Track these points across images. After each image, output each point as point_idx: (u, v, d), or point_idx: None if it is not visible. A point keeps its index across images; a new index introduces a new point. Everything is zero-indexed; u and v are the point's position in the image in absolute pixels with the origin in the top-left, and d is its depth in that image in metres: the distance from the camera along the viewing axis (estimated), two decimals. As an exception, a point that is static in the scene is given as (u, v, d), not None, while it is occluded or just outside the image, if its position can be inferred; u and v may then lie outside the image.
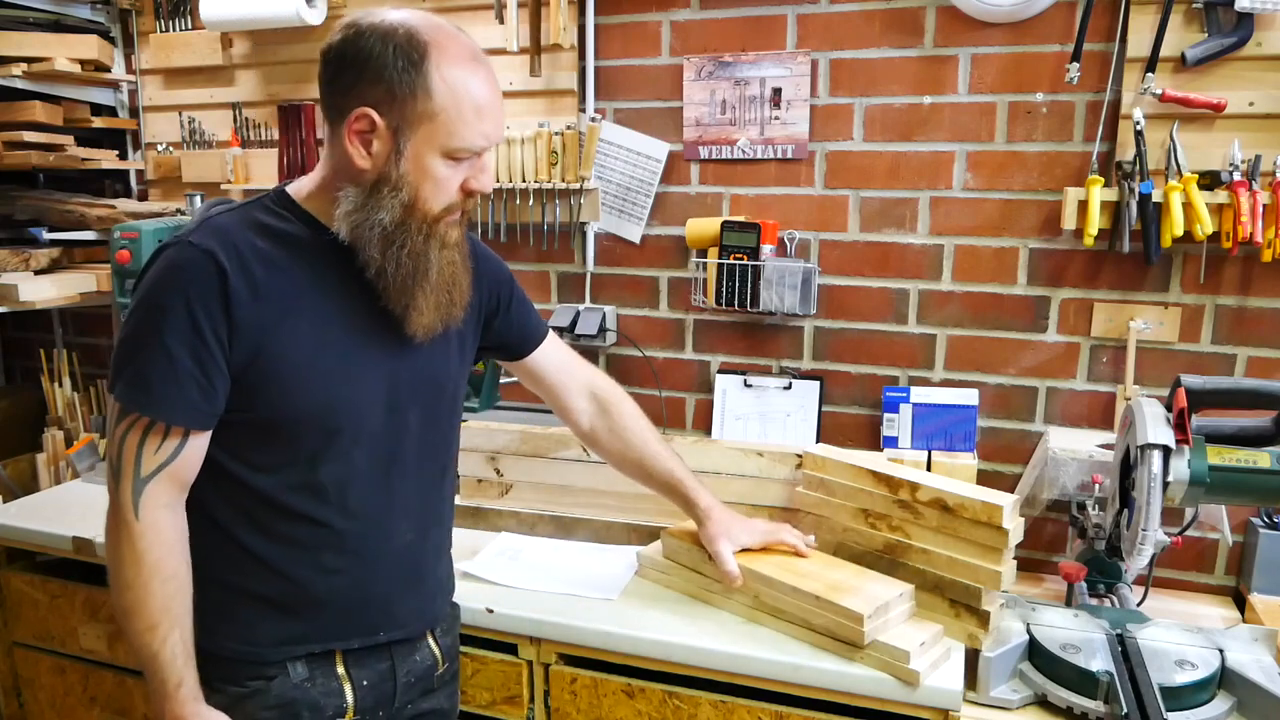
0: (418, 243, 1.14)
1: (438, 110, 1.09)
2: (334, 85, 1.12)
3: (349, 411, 1.18)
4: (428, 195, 1.13)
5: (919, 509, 1.47)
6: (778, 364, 2.10)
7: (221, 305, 1.09)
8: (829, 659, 1.39)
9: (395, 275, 1.14)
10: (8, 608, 1.99)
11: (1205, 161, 1.71)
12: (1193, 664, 1.37)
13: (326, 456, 1.18)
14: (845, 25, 1.92)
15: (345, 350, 1.18)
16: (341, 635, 1.24)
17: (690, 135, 2.07)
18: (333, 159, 1.15)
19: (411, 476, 1.27)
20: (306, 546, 1.20)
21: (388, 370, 1.21)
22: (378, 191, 1.12)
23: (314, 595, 1.21)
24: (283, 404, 1.14)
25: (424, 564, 1.33)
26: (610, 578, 1.64)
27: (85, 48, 2.35)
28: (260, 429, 1.15)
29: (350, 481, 1.20)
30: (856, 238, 1.99)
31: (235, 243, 1.12)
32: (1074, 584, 1.61)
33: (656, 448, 1.54)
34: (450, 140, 1.11)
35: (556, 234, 2.19)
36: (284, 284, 1.14)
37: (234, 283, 1.09)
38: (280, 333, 1.13)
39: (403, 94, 1.08)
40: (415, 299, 1.17)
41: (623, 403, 1.55)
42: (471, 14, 2.14)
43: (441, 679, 1.37)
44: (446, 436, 1.35)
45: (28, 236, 2.44)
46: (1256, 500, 1.53)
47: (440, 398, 1.31)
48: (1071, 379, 1.89)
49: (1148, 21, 1.70)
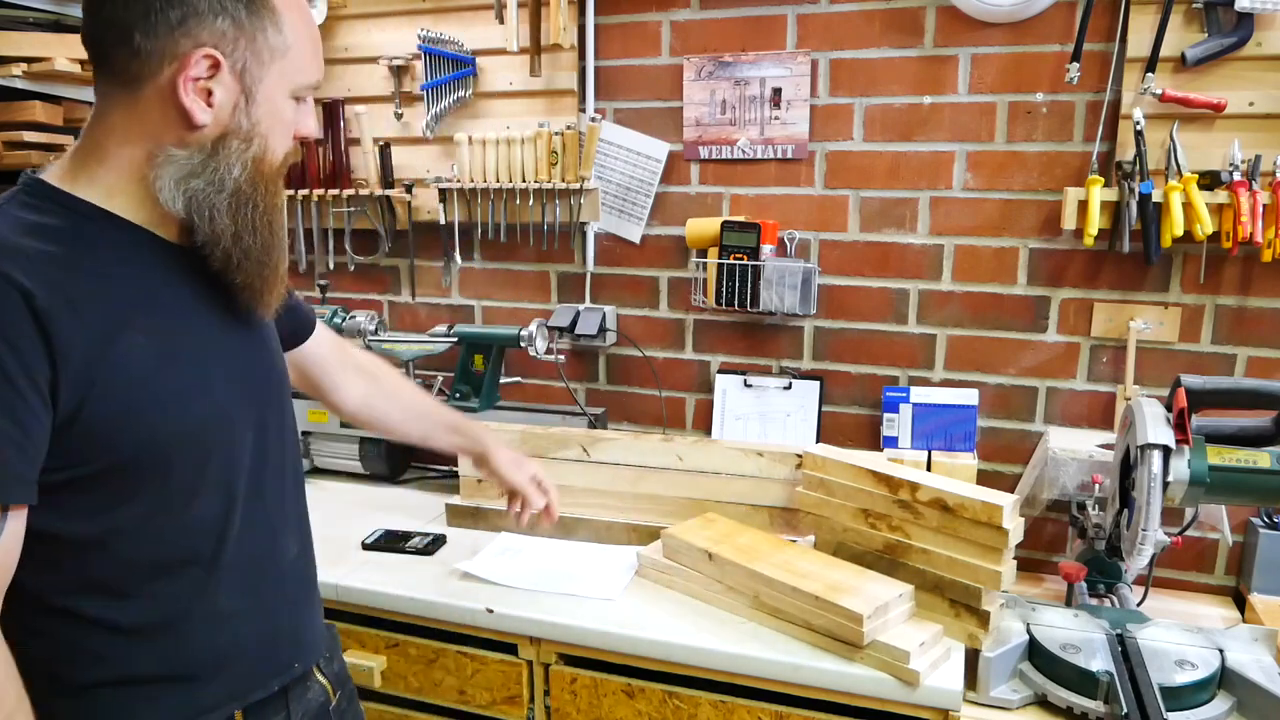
0: (270, 200, 0.99)
1: (289, 43, 0.95)
2: (145, 26, 0.89)
3: (214, 429, 1.00)
4: (276, 144, 0.98)
5: (919, 509, 1.47)
6: (778, 364, 2.10)
7: (31, 337, 0.84)
8: (829, 659, 1.39)
9: (253, 243, 0.98)
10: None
11: (1205, 161, 1.71)
12: (1193, 664, 1.37)
13: (201, 486, 0.98)
14: (845, 25, 1.92)
15: (194, 358, 0.98)
16: (248, 688, 1.06)
17: (690, 135, 2.07)
18: (137, 120, 0.93)
19: (281, 483, 1.11)
20: (192, 600, 1.00)
21: (239, 370, 1.04)
22: (223, 147, 0.94)
23: (215, 649, 1.02)
24: (134, 441, 0.92)
25: (310, 577, 1.20)
26: (610, 578, 1.64)
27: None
28: (110, 477, 0.92)
29: (232, 508, 1.02)
30: (856, 238, 1.99)
31: (23, 253, 0.86)
32: (1074, 584, 1.61)
33: (430, 401, 1.51)
34: (299, 76, 0.98)
35: (556, 234, 2.19)
36: (100, 293, 0.90)
37: (42, 306, 0.84)
38: (113, 356, 0.90)
39: (253, 28, 0.92)
40: (276, 267, 1.02)
41: (389, 369, 1.48)
42: (471, 14, 2.14)
43: (338, 710, 1.20)
44: (296, 434, 1.18)
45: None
46: (1256, 500, 1.53)
47: (285, 390, 1.15)
48: (1071, 379, 1.89)
49: (1148, 21, 1.70)
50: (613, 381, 2.25)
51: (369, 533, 1.83)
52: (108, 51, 0.92)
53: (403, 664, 1.65)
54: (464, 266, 2.31)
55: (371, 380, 1.43)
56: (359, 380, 1.41)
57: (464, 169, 2.17)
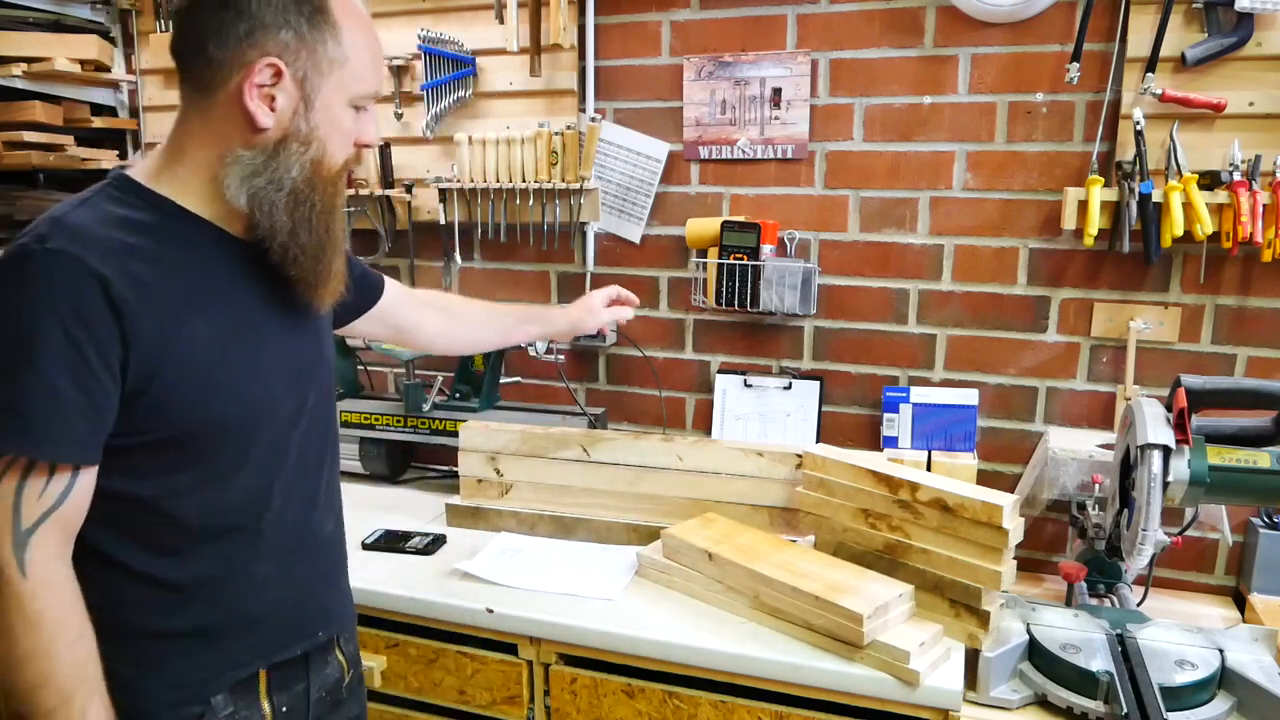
0: (326, 202, 1.07)
1: (348, 55, 1.04)
2: (218, 38, 0.99)
3: (264, 411, 1.10)
4: (334, 149, 1.07)
5: (919, 509, 1.47)
6: (778, 364, 2.10)
7: (107, 320, 0.95)
8: (829, 659, 1.39)
9: (309, 240, 1.06)
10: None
11: (1205, 161, 1.71)
12: (1193, 664, 1.37)
13: (246, 461, 1.09)
14: (845, 25, 1.92)
15: (250, 347, 1.08)
16: (272, 651, 1.16)
17: (690, 135, 2.07)
18: (211, 124, 1.03)
19: (320, 463, 1.22)
20: (234, 562, 1.10)
21: (290, 359, 1.14)
22: (284, 149, 1.03)
23: (249, 611, 1.12)
24: (193, 417, 1.03)
25: (340, 553, 1.30)
26: (610, 578, 1.64)
27: (85, 48, 2.35)
28: (169, 448, 1.03)
29: (274, 482, 1.12)
30: (856, 238, 1.99)
31: (106, 243, 0.97)
32: (1074, 584, 1.61)
33: (495, 306, 1.73)
34: (357, 86, 1.06)
35: (556, 234, 2.19)
36: (170, 282, 1.01)
37: (118, 292, 0.95)
38: (180, 340, 1.00)
39: (313, 40, 1.01)
40: (330, 264, 1.10)
41: (454, 297, 1.72)
42: (471, 14, 2.14)
43: (349, 687, 1.30)
44: (335, 416, 1.29)
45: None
46: (1256, 500, 1.53)
47: (329, 375, 1.26)
48: (1071, 379, 1.89)
49: (1148, 21, 1.70)
50: (613, 381, 2.25)
51: (369, 533, 1.83)
52: (188, 62, 1.03)
53: (403, 664, 1.65)
54: (464, 266, 2.31)
55: (443, 311, 1.63)
56: (433, 315, 1.60)
57: (464, 169, 2.17)
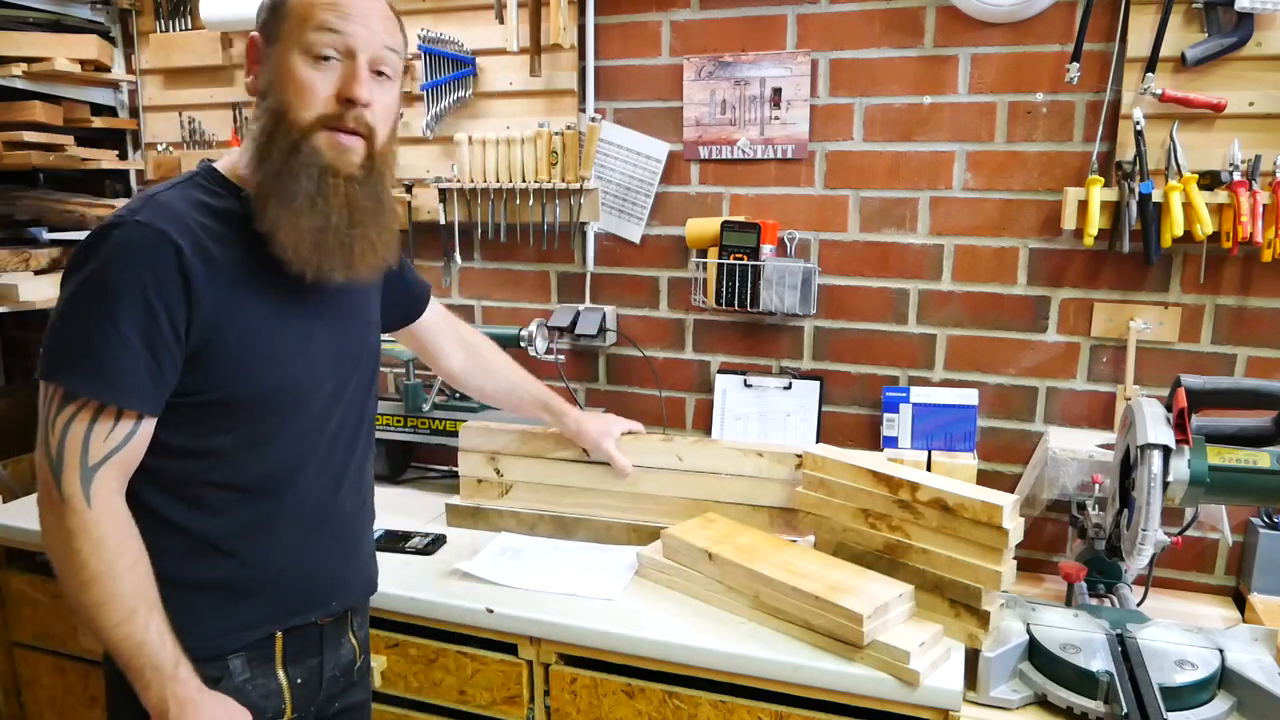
0: (283, 153, 1.10)
1: (292, 7, 1.11)
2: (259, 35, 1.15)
3: (304, 387, 1.19)
4: (293, 100, 1.10)
5: (919, 509, 1.47)
6: (778, 364, 2.10)
7: (177, 285, 1.06)
8: (829, 659, 1.39)
9: (274, 190, 1.10)
10: (8, 608, 1.99)
11: (1205, 161, 1.71)
12: (1193, 664, 1.37)
13: (284, 432, 1.18)
14: (845, 25, 1.92)
15: (297, 326, 1.18)
16: (288, 614, 1.24)
17: (690, 135, 2.07)
18: None
19: (352, 444, 1.29)
20: (262, 524, 1.19)
21: (333, 342, 1.23)
22: (258, 109, 1.13)
23: (270, 572, 1.20)
24: (240, 384, 1.13)
25: (364, 532, 1.37)
26: (610, 578, 1.64)
27: (85, 48, 2.35)
28: (215, 410, 1.13)
29: (307, 455, 1.21)
30: (856, 238, 1.99)
31: (185, 220, 1.09)
32: (1074, 584, 1.61)
33: (521, 375, 1.75)
34: (303, 31, 1.09)
35: (556, 234, 2.19)
36: (235, 261, 1.11)
37: (189, 261, 1.07)
38: (235, 312, 1.11)
39: (274, 6, 1.12)
40: (281, 220, 1.11)
41: (485, 343, 1.74)
42: (471, 14, 2.14)
43: (360, 671, 1.38)
44: (372, 404, 1.36)
45: (28, 236, 2.44)
46: (1256, 500, 1.53)
47: (373, 366, 1.34)
48: (1071, 379, 1.89)
49: (1148, 21, 1.70)
50: (613, 381, 2.25)
51: (369, 533, 1.83)
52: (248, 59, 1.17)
53: (403, 664, 1.65)
54: (464, 266, 2.31)
55: (472, 354, 1.70)
56: (460, 353, 1.69)
57: (464, 169, 2.17)
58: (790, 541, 1.64)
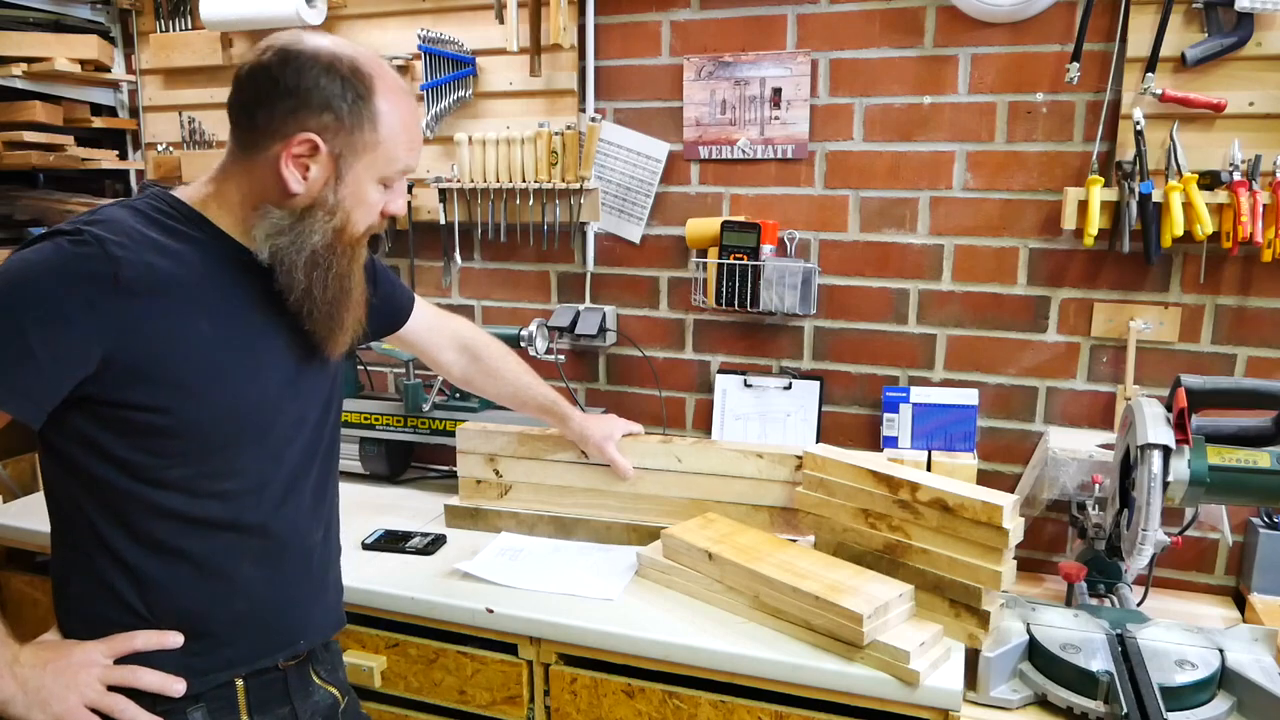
0: (343, 265, 1.15)
1: (382, 140, 1.12)
2: (266, 108, 1.08)
3: (260, 411, 1.15)
4: (358, 219, 1.15)
5: (919, 509, 1.47)
6: (778, 364, 2.10)
7: (105, 298, 1.02)
8: (829, 659, 1.39)
9: (322, 299, 1.14)
10: (8, 608, 1.98)
11: (1205, 161, 1.71)
12: (1193, 664, 1.37)
13: (238, 461, 1.14)
14: (845, 25, 1.92)
15: (246, 348, 1.14)
16: (253, 656, 1.18)
17: (690, 135, 2.07)
18: (250, 177, 1.12)
19: (316, 474, 1.25)
20: (224, 560, 1.15)
21: (292, 368, 1.19)
22: (310, 216, 1.11)
23: (231, 613, 1.16)
24: (189, 405, 1.08)
25: (330, 565, 1.33)
26: (610, 578, 1.64)
27: (85, 48, 2.35)
28: (168, 434, 1.08)
29: (266, 487, 1.17)
30: (856, 238, 1.99)
31: (132, 234, 1.06)
32: (1074, 584, 1.61)
33: (528, 379, 1.73)
34: (388, 167, 1.14)
35: (556, 234, 2.19)
36: (186, 283, 1.08)
37: (127, 274, 1.03)
38: (181, 334, 1.08)
39: (351, 124, 1.09)
40: (342, 320, 1.17)
41: (490, 345, 1.72)
42: (471, 14, 2.14)
43: (347, 712, 1.33)
44: (336, 430, 1.33)
45: (28, 236, 2.44)
46: (1256, 500, 1.53)
47: (335, 390, 1.30)
48: (1071, 379, 1.89)
49: (1148, 21, 1.70)
50: (613, 381, 2.25)
51: (369, 533, 1.83)
52: (237, 121, 1.12)
53: (403, 664, 1.65)
54: (464, 266, 2.31)
55: (473, 360, 1.70)
56: (457, 356, 1.69)
57: (464, 169, 2.17)
58: (790, 541, 1.64)
